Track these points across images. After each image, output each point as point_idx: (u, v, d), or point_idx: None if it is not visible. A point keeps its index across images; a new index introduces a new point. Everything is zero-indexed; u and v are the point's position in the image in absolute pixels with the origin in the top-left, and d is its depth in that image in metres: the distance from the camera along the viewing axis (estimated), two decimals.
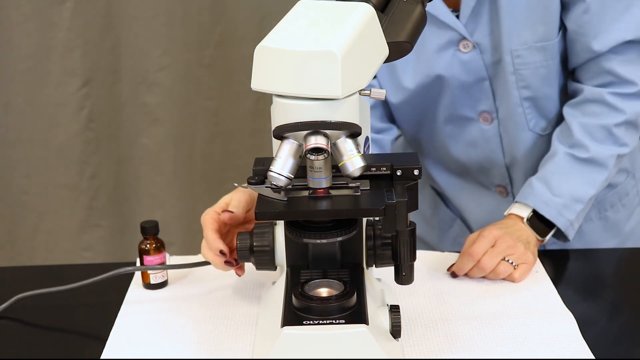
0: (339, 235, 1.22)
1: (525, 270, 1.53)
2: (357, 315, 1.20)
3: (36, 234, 2.97)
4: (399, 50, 1.26)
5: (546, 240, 1.60)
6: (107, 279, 1.48)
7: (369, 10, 1.19)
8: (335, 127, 1.14)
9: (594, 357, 1.29)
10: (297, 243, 1.28)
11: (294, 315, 1.21)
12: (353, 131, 1.16)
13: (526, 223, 1.59)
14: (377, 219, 1.33)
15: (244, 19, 2.79)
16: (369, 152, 1.33)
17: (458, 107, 1.73)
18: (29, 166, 2.89)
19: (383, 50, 1.23)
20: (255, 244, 1.35)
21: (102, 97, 2.83)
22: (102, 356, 1.34)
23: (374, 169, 1.25)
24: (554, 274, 1.56)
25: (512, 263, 1.51)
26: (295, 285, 1.25)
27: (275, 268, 1.38)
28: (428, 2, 1.31)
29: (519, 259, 1.52)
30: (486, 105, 1.72)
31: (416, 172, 1.26)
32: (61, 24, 2.74)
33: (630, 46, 1.59)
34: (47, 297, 1.49)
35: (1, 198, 2.93)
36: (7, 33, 2.74)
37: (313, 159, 1.16)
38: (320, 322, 1.19)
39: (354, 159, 1.16)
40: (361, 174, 1.17)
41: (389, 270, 1.30)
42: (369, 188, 1.22)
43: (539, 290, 1.49)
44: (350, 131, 1.16)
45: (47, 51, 2.76)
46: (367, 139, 1.30)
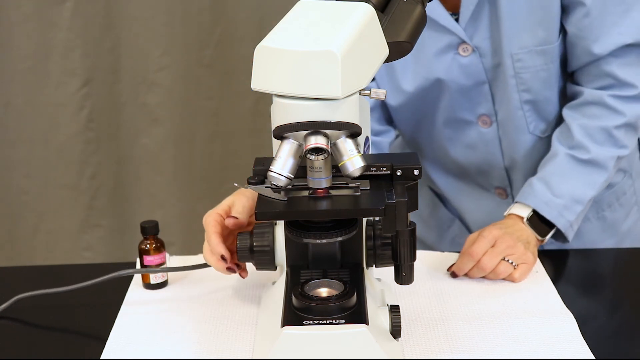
0: (339, 235, 1.22)
1: (525, 270, 1.53)
2: (357, 315, 1.20)
3: (36, 234, 2.97)
4: (399, 50, 1.26)
5: (546, 240, 1.60)
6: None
7: (369, 10, 1.19)
8: (335, 127, 1.14)
9: (593, 357, 1.29)
10: (297, 243, 1.28)
11: (294, 315, 1.21)
12: (353, 131, 1.16)
13: (526, 223, 1.59)
14: (377, 219, 1.33)
15: (244, 19, 2.79)
16: (369, 152, 1.33)
17: (457, 111, 1.73)
18: (29, 166, 2.89)
19: (383, 50, 1.23)
20: (255, 244, 1.35)
21: (102, 97, 2.83)
22: (102, 356, 1.34)
23: (374, 169, 1.25)
24: (553, 274, 1.56)
25: (512, 263, 1.51)
26: (295, 285, 1.25)
27: (275, 268, 1.38)
28: (428, 2, 1.31)
29: (519, 259, 1.52)
30: (485, 109, 1.72)
31: (416, 172, 1.26)
32: (61, 24, 2.74)
33: (630, 49, 1.60)
34: (47, 297, 1.49)
35: (1, 198, 2.93)
36: (7, 33, 2.74)
37: (313, 159, 1.16)
38: (320, 322, 1.19)
39: (354, 159, 1.16)
40: (361, 174, 1.17)
41: (389, 270, 1.30)
42: (369, 188, 1.22)
43: (539, 290, 1.49)
44: (350, 131, 1.16)
45: (47, 51, 2.77)
46: (367, 139, 1.30)
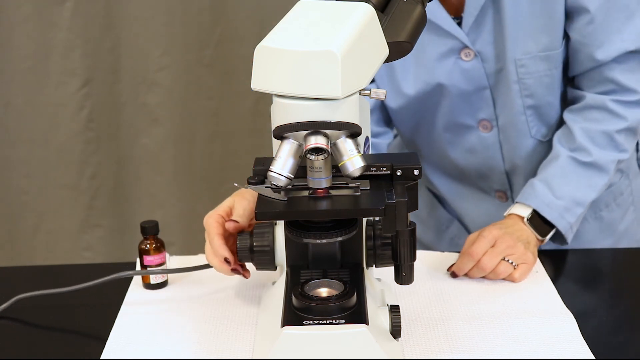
0: (339, 235, 1.22)
1: (525, 270, 1.53)
2: (357, 315, 1.20)
3: (36, 234, 2.97)
4: (399, 50, 1.26)
5: (546, 240, 1.60)
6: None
7: (369, 10, 1.19)
8: (335, 127, 1.14)
9: (593, 357, 1.29)
10: (297, 243, 1.28)
11: (294, 315, 1.21)
12: (353, 131, 1.16)
13: (527, 223, 1.59)
14: (377, 219, 1.33)
15: (244, 19, 2.78)
16: (369, 152, 1.33)
17: (457, 115, 1.73)
18: (29, 166, 2.89)
19: (383, 50, 1.23)
20: (255, 244, 1.35)
21: (102, 97, 2.83)
22: (102, 356, 1.34)
23: (374, 169, 1.25)
24: (553, 274, 1.57)
25: (512, 263, 1.51)
26: (295, 285, 1.25)
27: (275, 268, 1.38)
28: (428, 2, 1.31)
29: (519, 259, 1.52)
30: (486, 114, 1.72)
31: (416, 172, 1.26)
32: (61, 24, 2.74)
33: (632, 56, 1.60)
34: (47, 297, 1.49)
35: (1, 198, 2.93)
36: (7, 33, 2.74)
37: (313, 159, 1.16)
38: (320, 322, 1.19)
39: (354, 159, 1.16)
40: (361, 174, 1.17)
41: (389, 270, 1.30)
42: (369, 188, 1.22)
43: (539, 290, 1.49)
44: (350, 131, 1.15)
45: (47, 51, 2.76)
46: (367, 139, 1.30)
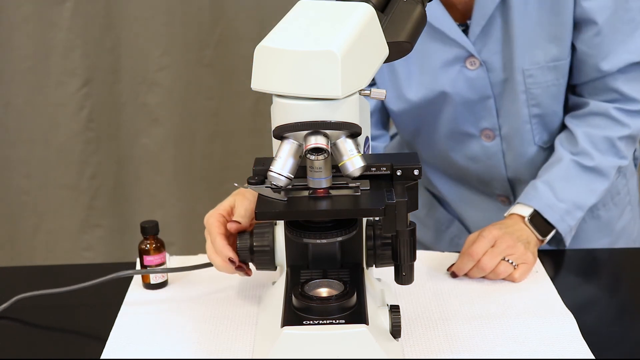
0: (339, 235, 1.22)
1: (525, 270, 1.53)
2: (357, 315, 1.20)
3: (36, 234, 2.98)
4: (399, 50, 1.26)
5: (546, 240, 1.60)
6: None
7: (369, 10, 1.19)
8: (335, 127, 1.14)
9: (594, 357, 1.29)
10: (297, 243, 1.28)
11: (294, 315, 1.21)
12: (353, 131, 1.16)
13: (527, 222, 1.59)
14: (377, 219, 1.33)
15: (244, 19, 2.78)
16: (369, 152, 1.33)
17: (460, 123, 1.73)
18: (29, 166, 2.89)
19: (383, 50, 1.23)
20: (255, 244, 1.35)
21: (102, 97, 2.83)
22: (102, 356, 1.34)
23: (374, 169, 1.25)
24: (553, 274, 1.57)
25: (512, 263, 1.51)
26: (295, 285, 1.25)
27: (275, 268, 1.38)
28: (428, 2, 1.31)
29: (519, 259, 1.52)
30: (489, 123, 1.72)
31: (416, 172, 1.25)
32: (61, 24, 2.74)
33: (636, 67, 1.62)
34: (47, 297, 1.49)
35: (1, 198, 2.93)
36: (7, 33, 2.74)
37: (313, 159, 1.16)
38: (320, 322, 1.19)
39: (354, 159, 1.16)
40: (361, 174, 1.17)
41: (389, 270, 1.30)
42: (369, 188, 1.22)
43: (539, 290, 1.49)
44: (350, 131, 1.15)
45: (47, 51, 2.76)
46: (367, 139, 1.30)
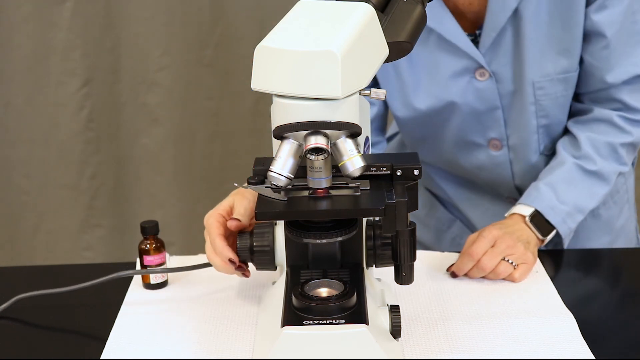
0: (339, 235, 1.22)
1: (525, 270, 1.53)
2: (357, 315, 1.20)
3: (36, 234, 2.98)
4: (399, 50, 1.26)
5: (547, 241, 1.60)
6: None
7: (369, 10, 1.19)
8: (335, 127, 1.14)
9: (594, 357, 1.29)
10: (297, 243, 1.28)
11: (294, 315, 1.21)
12: (353, 131, 1.16)
13: (528, 222, 1.59)
14: (377, 219, 1.33)
15: (244, 19, 2.79)
16: (369, 152, 1.33)
17: (467, 133, 1.73)
18: (29, 166, 2.90)
19: (383, 50, 1.23)
20: (255, 244, 1.35)
21: (102, 97, 2.83)
22: (102, 356, 1.34)
23: (374, 169, 1.25)
24: (553, 274, 1.57)
25: (512, 263, 1.51)
26: (295, 285, 1.25)
27: (275, 268, 1.38)
28: (428, 2, 1.31)
29: (518, 259, 1.52)
30: (496, 133, 1.72)
31: (416, 172, 1.26)
32: (61, 24, 2.74)
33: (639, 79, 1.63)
34: (47, 297, 1.49)
35: (1, 198, 2.93)
36: (7, 33, 2.74)
37: (313, 159, 1.16)
38: (320, 322, 1.19)
39: (354, 159, 1.16)
40: (361, 174, 1.17)
41: (389, 270, 1.30)
42: (369, 188, 1.22)
43: (539, 290, 1.49)
44: (350, 131, 1.15)
45: (47, 51, 2.77)
46: (367, 139, 1.30)
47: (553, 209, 1.60)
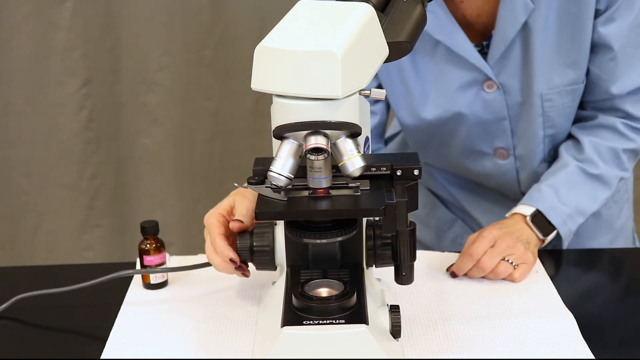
0: (339, 235, 1.22)
1: (525, 270, 1.53)
2: (357, 315, 1.20)
3: (36, 234, 2.98)
4: (399, 50, 1.26)
5: (547, 241, 1.60)
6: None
7: (369, 10, 1.19)
8: (335, 127, 1.14)
9: (594, 357, 1.29)
10: (297, 243, 1.28)
11: (294, 315, 1.21)
12: (353, 131, 1.16)
13: (529, 221, 1.59)
14: (377, 219, 1.33)
15: (244, 19, 2.79)
16: (369, 152, 1.33)
17: (474, 142, 1.73)
18: (29, 166, 2.90)
19: (383, 50, 1.22)
20: (255, 244, 1.35)
21: (102, 97, 2.83)
22: (102, 356, 1.34)
23: (374, 169, 1.25)
24: (553, 274, 1.57)
25: (512, 263, 1.51)
26: (295, 285, 1.25)
27: (275, 268, 1.38)
28: (428, 2, 1.31)
29: (518, 259, 1.52)
30: (503, 143, 1.72)
31: (416, 172, 1.26)
32: (61, 24, 2.74)
33: None
34: (47, 297, 1.49)
35: (1, 198, 2.93)
36: (7, 33, 2.74)
37: (313, 159, 1.16)
38: (320, 322, 1.19)
39: (354, 159, 1.16)
40: (361, 174, 1.17)
41: (389, 270, 1.30)
42: (369, 188, 1.22)
43: (539, 290, 1.49)
44: (350, 131, 1.15)
45: (47, 51, 2.77)
46: (367, 139, 1.30)
47: (555, 209, 1.60)
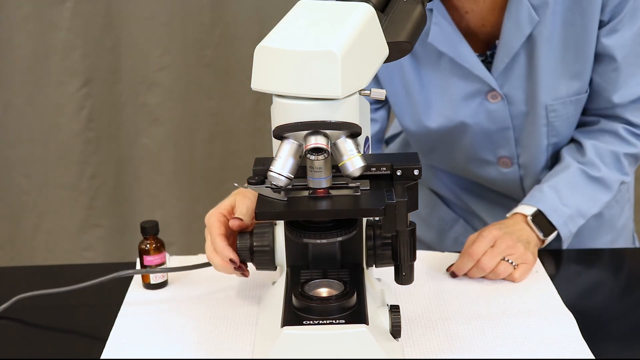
0: (339, 235, 1.22)
1: (525, 270, 1.53)
2: (357, 315, 1.20)
3: (36, 234, 2.98)
4: (399, 50, 1.26)
5: (547, 241, 1.60)
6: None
7: (369, 10, 1.19)
8: (335, 127, 1.14)
9: (594, 357, 1.29)
10: (297, 243, 1.28)
11: (294, 315, 1.21)
12: (353, 131, 1.16)
13: (530, 221, 1.59)
14: (377, 219, 1.33)
15: (244, 19, 2.79)
16: (369, 152, 1.33)
17: (477, 151, 1.74)
18: (29, 166, 2.90)
19: (383, 50, 1.23)
20: (255, 244, 1.35)
21: (102, 97, 2.83)
22: (102, 356, 1.34)
23: (374, 169, 1.25)
24: (553, 274, 1.57)
25: (512, 263, 1.51)
26: (295, 285, 1.25)
27: (275, 268, 1.38)
28: (428, 2, 1.31)
29: (518, 259, 1.52)
30: (507, 152, 1.73)
31: (416, 172, 1.26)
32: (61, 24, 2.74)
33: None
34: (47, 297, 1.49)
35: (1, 198, 2.93)
36: (7, 33, 2.74)
37: (313, 159, 1.16)
38: (320, 322, 1.19)
39: (354, 159, 1.16)
40: (361, 174, 1.17)
41: (389, 270, 1.30)
42: (369, 188, 1.22)
43: (539, 290, 1.49)
44: (350, 131, 1.15)
45: (47, 51, 2.77)
46: (367, 139, 1.30)
47: (556, 210, 1.60)
